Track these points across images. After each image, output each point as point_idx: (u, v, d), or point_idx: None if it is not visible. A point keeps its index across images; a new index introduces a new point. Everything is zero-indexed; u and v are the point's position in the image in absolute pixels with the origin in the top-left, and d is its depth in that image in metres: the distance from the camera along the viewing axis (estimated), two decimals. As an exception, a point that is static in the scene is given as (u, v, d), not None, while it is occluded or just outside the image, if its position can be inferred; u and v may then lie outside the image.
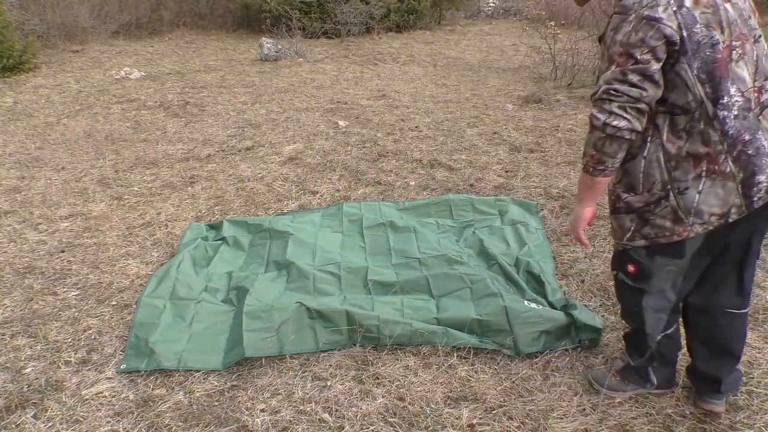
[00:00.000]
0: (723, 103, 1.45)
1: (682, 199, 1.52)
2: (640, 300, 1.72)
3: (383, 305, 2.42)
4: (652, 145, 1.53)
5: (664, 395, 1.94)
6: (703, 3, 1.44)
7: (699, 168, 1.49)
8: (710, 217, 1.51)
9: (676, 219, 1.54)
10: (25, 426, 1.86)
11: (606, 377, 1.97)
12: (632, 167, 1.58)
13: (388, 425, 1.84)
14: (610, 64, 1.47)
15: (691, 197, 1.51)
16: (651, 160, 1.54)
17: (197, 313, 2.43)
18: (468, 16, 13.45)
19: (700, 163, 1.49)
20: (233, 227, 3.17)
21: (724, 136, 1.47)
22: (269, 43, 8.55)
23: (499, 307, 2.29)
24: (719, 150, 1.47)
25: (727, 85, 1.45)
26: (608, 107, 1.45)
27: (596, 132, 1.48)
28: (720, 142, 1.47)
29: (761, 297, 2.45)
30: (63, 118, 5.55)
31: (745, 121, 1.47)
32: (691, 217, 1.52)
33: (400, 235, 3.02)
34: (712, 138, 1.47)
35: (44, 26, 9.08)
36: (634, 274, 1.69)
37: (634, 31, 1.42)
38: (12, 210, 3.53)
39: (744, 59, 1.48)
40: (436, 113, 5.56)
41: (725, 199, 1.50)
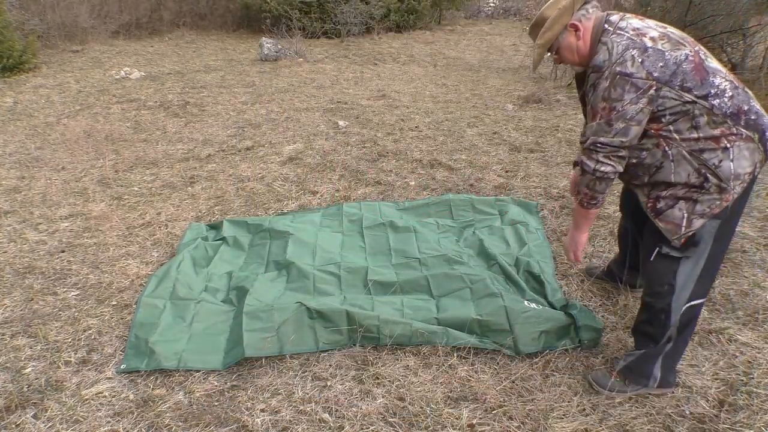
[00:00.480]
0: (713, 93, 1.66)
1: (720, 172, 1.68)
2: (677, 269, 1.79)
3: (383, 305, 2.42)
4: (671, 150, 1.71)
5: (664, 395, 1.95)
6: (659, 37, 1.70)
7: (721, 143, 1.67)
8: (745, 175, 1.69)
9: (721, 189, 1.69)
10: (25, 426, 1.86)
11: (607, 378, 1.98)
12: (662, 174, 1.75)
13: (388, 425, 1.84)
14: (594, 116, 1.73)
15: (726, 167, 1.67)
16: (678, 161, 1.71)
17: (197, 313, 2.43)
18: (468, 16, 13.45)
19: (719, 140, 1.67)
20: (233, 227, 3.17)
21: (726, 116, 1.66)
22: (269, 43, 8.55)
23: (498, 307, 2.29)
24: (728, 126, 1.66)
25: (710, 80, 1.67)
26: (595, 157, 1.74)
27: (587, 176, 1.78)
28: (725, 121, 1.66)
29: (761, 297, 2.45)
30: (63, 118, 5.55)
31: (738, 97, 1.68)
32: (731, 182, 1.69)
33: (400, 235, 3.03)
34: (718, 121, 1.66)
35: (44, 26, 9.08)
36: (683, 244, 1.77)
37: (612, 87, 1.67)
38: (12, 210, 3.54)
39: (709, 56, 1.74)
40: (436, 113, 5.56)
41: (752, 157, 1.68)
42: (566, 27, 1.80)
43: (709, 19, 5.75)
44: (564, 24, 1.80)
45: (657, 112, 1.69)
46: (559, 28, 1.81)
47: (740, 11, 5.77)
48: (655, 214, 1.78)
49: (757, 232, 3.00)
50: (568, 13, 1.80)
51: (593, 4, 1.83)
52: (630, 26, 1.73)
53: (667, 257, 1.79)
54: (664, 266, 1.81)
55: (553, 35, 1.82)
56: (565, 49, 1.83)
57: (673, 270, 1.79)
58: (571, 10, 1.80)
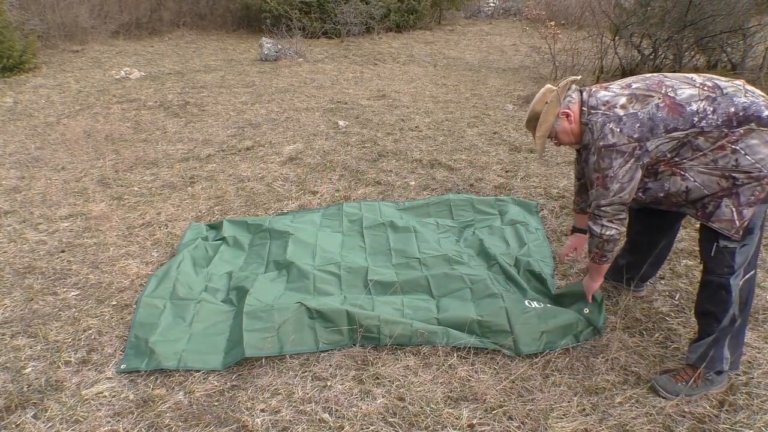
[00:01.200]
0: (697, 120, 1.77)
1: (743, 168, 1.76)
2: (734, 253, 1.87)
3: (383, 305, 2.42)
4: (688, 173, 1.84)
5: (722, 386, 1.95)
6: (627, 102, 1.85)
7: (727, 149, 1.76)
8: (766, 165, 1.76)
9: (754, 178, 1.76)
10: (25, 426, 1.86)
11: (672, 383, 1.96)
12: (695, 194, 1.87)
13: (388, 425, 1.84)
14: (592, 185, 1.95)
15: (745, 162, 1.75)
16: (701, 179, 1.83)
17: (197, 313, 2.43)
18: (468, 16, 13.45)
19: (724, 147, 1.77)
20: (233, 227, 3.17)
21: (719, 127, 1.75)
22: (269, 43, 8.55)
23: (499, 307, 2.29)
24: (725, 133, 1.75)
25: (688, 110, 1.78)
26: (600, 222, 1.98)
27: (596, 239, 2.02)
28: (721, 131, 1.75)
29: (761, 297, 2.45)
30: (63, 118, 5.55)
31: (720, 106, 1.76)
32: (762, 168, 1.75)
33: (400, 235, 3.03)
34: (714, 135, 1.76)
35: (44, 26, 9.08)
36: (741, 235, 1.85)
37: (600, 159, 1.88)
38: (12, 210, 3.53)
39: (675, 86, 1.83)
40: (436, 113, 5.56)
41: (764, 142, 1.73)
42: (558, 116, 2.00)
43: (709, 19, 5.74)
44: (555, 114, 2.00)
45: (658, 156, 1.85)
46: (552, 119, 2.01)
47: (740, 11, 5.77)
48: (707, 218, 1.87)
49: (757, 232, 3.00)
50: (556, 103, 2.00)
51: (573, 88, 2.02)
52: (600, 101, 1.91)
53: (726, 248, 1.86)
54: (723, 255, 1.88)
55: (549, 126, 2.02)
56: (561, 133, 2.02)
57: (731, 255, 1.86)
58: (557, 100, 2.00)
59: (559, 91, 2.01)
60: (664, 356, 2.13)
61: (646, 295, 2.52)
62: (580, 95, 1.99)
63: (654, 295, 2.51)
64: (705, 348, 1.94)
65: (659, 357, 2.13)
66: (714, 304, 1.92)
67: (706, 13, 5.73)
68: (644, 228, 2.31)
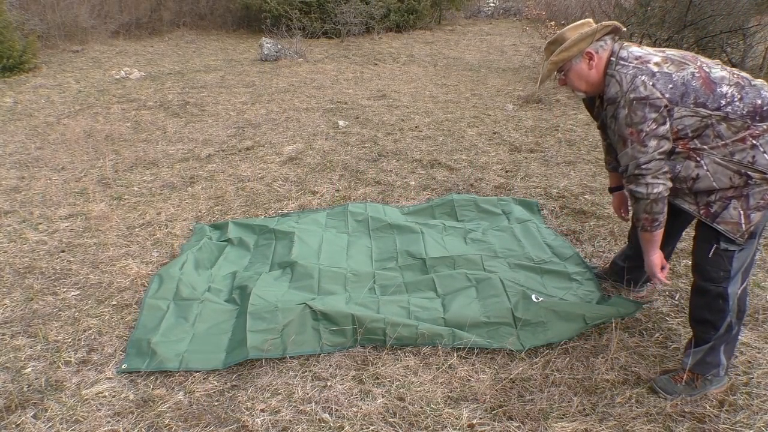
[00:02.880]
0: (725, 103, 1.72)
1: (758, 166, 1.72)
2: (732, 257, 1.83)
3: (389, 304, 2.41)
4: (705, 159, 1.77)
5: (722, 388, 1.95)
6: (662, 61, 1.77)
7: (747, 142, 1.72)
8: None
9: (766, 179, 1.73)
10: (25, 426, 1.86)
11: (672, 384, 1.95)
12: (703, 183, 1.79)
13: (388, 425, 1.84)
14: (624, 143, 1.79)
15: (762, 160, 1.72)
16: (713, 168, 1.77)
17: (200, 314, 2.42)
18: (468, 16, 13.45)
19: (745, 140, 1.72)
20: (238, 229, 3.17)
21: (743, 117, 1.71)
22: (269, 43, 8.55)
23: (504, 307, 2.30)
24: (747, 125, 1.71)
25: (718, 90, 1.73)
26: (644, 181, 1.79)
27: (642, 201, 1.81)
28: (744, 123, 1.71)
29: (761, 297, 2.45)
30: (63, 118, 5.55)
31: (748, 96, 1.72)
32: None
33: (406, 237, 3.02)
34: (737, 125, 1.72)
35: (44, 26, 9.08)
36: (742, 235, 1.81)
37: (632, 113, 1.74)
38: (12, 210, 3.53)
39: (710, 64, 1.79)
40: (436, 113, 5.56)
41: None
42: (582, 53, 1.87)
43: (709, 19, 5.75)
44: (581, 49, 1.87)
45: (679, 131, 1.76)
46: (575, 52, 1.87)
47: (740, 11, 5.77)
48: (712, 218, 1.81)
49: (757, 232, 3.00)
50: (588, 40, 1.86)
51: (613, 37, 1.90)
52: (632, 55, 1.81)
53: (726, 251, 1.82)
54: (721, 258, 1.84)
55: (568, 56, 1.88)
56: (574, 73, 1.91)
57: (729, 258, 1.82)
58: (591, 38, 1.86)
59: (597, 29, 1.87)
60: (664, 356, 2.13)
61: (645, 295, 2.52)
62: (612, 44, 1.87)
63: (654, 295, 2.51)
64: (702, 355, 1.92)
65: (659, 357, 2.13)
66: (711, 312, 1.88)
67: (706, 13, 5.73)
68: None
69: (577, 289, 2.53)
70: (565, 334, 2.20)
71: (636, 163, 1.78)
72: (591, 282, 2.58)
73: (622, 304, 2.29)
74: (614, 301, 2.38)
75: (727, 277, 1.83)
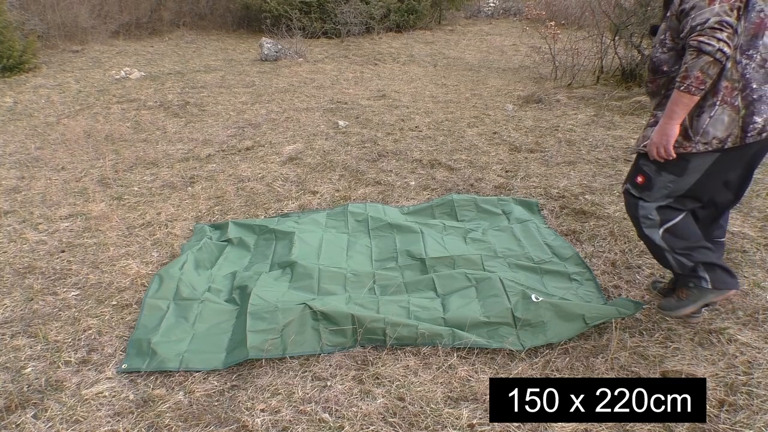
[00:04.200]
0: (749, 54, 1.85)
1: (695, 121, 1.91)
2: (637, 207, 2.11)
3: (389, 304, 2.41)
4: None
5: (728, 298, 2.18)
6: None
7: (716, 98, 1.88)
8: (712, 139, 1.91)
9: (685, 135, 1.93)
10: (25, 426, 1.86)
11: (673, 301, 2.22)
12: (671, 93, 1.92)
13: (388, 425, 1.84)
14: (712, 0, 1.79)
15: (702, 120, 1.90)
16: None
17: (200, 314, 2.42)
18: (468, 16, 13.45)
19: (717, 94, 1.87)
20: (239, 229, 3.17)
21: (742, 78, 1.85)
22: (269, 43, 8.55)
23: (504, 306, 2.30)
24: (735, 87, 1.86)
25: (758, 42, 1.85)
26: (719, 36, 1.77)
27: (705, 57, 1.78)
28: (738, 81, 1.86)
29: (761, 297, 2.45)
30: (63, 118, 5.55)
31: (758, 74, 1.86)
32: (697, 136, 1.92)
33: (406, 236, 3.02)
34: (733, 76, 1.85)
35: (44, 26, 9.08)
36: (640, 185, 2.09)
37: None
38: (12, 210, 3.53)
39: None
40: (436, 113, 5.56)
41: (728, 126, 1.89)
42: None
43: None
44: None
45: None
46: None
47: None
48: (647, 126, 2.09)
49: (757, 232, 3.00)
50: None
51: None
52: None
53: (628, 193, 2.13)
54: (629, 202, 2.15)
55: None
56: None
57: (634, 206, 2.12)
58: None
59: None
60: (664, 356, 2.13)
61: (645, 296, 2.52)
62: None
63: (654, 295, 2.51)
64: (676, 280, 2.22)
65: (659, 357, 2.13)
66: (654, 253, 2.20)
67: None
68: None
69: (577, 289, 2.53)
70: (565, 334, 2.20)
71: (719, 19, 1.76)
72: (591, 282, 2.58)
73: (622, 304, 2.29)
74: (614, 301, 2.38)
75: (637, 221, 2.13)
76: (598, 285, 2.56)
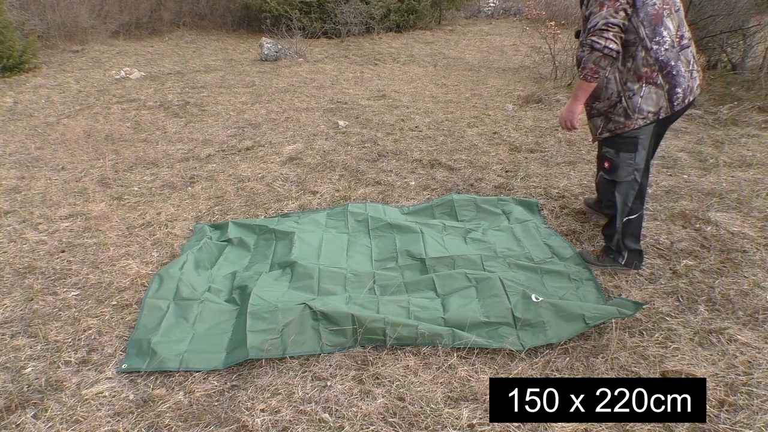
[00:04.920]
0: (656, 40, 2.28)
1: (630, 102, 2.37)
2: (613, 190, 2.54)
3: (389, 304, 2.41)
4: (611, 68, 2.35)
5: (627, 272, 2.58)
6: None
7: (641, 81, 2.33)
8: (648, 113, 2.36)
9: (626, 115, 2.39)
10: (25, 426, 1.86)
11: (589, 255, 2.75)
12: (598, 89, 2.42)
13: (388, 425, 1.84)
14: (601, 6, 2.24)
15: (635, 100, 2.36)
16: (610, 79, 2.39)
17: (200, 314, 2.42)
18: (468, 16, 13.45)
19: (641, 78, 2.33)
20: (239, 229, 3.16)
21: (657, 61, 2.30)
22: (269, 43, 8.55)
23: (504, 307, 2.30)
24: (654, 69, 2.31)
25: (661, 29, 2.28)
26: (606, 35, 2.22)
27: (596, 53, 2.25)
28: (654, 65, 2.31)
29: (761, 297, 2.45)
30: (63, 118, 5.55)
31: (670, 53, 2.31)
32: (636, 114, 2.37)
33: (406, 236, 3.02)
34: (649, 62, 2.30)
35: (44, 26, 9.08)
36: (608, 169, 2.52)
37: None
38: (12, 210, 3.54)
39: (671, 17, 2.32)
40: (436, 113, 5.56)
41: (657, 101, 2.35)
42: None
43: (709, 19, 5.74)
44: None
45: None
46: None
47: (740, 11, 5.77)
48: (588, 116, 2.58)
49: (757, 232, 3.00)
50: None
51: None
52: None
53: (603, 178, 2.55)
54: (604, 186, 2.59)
55: None
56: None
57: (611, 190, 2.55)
58: None
59: None
60: (664, 356, 2.13)
61: (645, 296, 2.52)
62: None
63: (654, 295, 2.51)
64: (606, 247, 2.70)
65: (659, 357, 2.13)
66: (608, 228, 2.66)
67: (706, 13, 5.72)
68: None
69: (577, 290, 2.53)
70: (565, 335, 2.20)
71: (606, 21, 2.21)
72: (591, 282, 2.58)
73: (623, 305, 2.29)
74: (614, 301, 2.38)
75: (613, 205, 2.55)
76: (598, 285, 2.56)
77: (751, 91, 5.56)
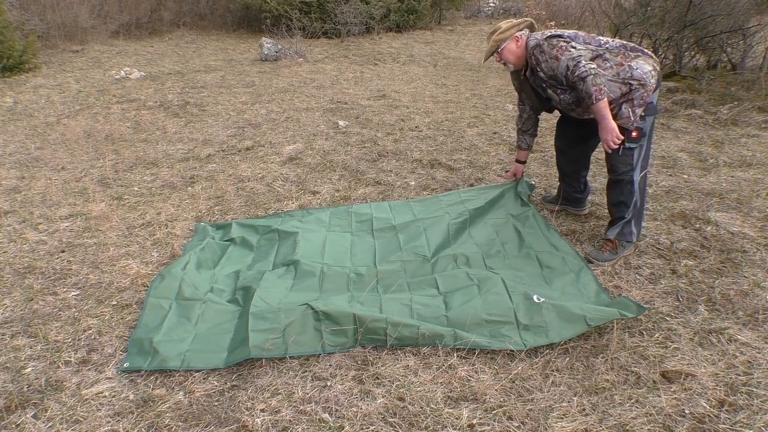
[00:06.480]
0: (602, 42, 2.66)
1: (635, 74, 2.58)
2: (633, 155, 2.67)
3: (391, 302, 2.41)
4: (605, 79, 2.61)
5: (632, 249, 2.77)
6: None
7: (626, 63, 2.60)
8: (651, 71, 2.59)
9: (642, 84, 2.58)
10: (25, 426, 1.86)
11: (599, 253, 2.79)
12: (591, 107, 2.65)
13: (388, 425, 1.84)
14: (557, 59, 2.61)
15: (637, 72, 2.58)
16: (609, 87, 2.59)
17: (202, 314, 2.42)
18: (468, 16, 13.45)
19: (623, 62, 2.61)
20: (242, 229, 3.16)
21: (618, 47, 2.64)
22: (269, 43, 8.55)
23: (507, 306, 2.30)
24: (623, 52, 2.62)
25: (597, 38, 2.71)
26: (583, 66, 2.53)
27: (589, 78, 2.49)
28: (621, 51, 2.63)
29: (761, 297, 2.45)
30: (63, 118, 5.56)
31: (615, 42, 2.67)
32: (646, 77, 2.57)
33: (409, 234, 3.02)
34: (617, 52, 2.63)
35: (44, 26, 9.08)
36: (637, 138, 2.63)
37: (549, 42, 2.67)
38: (12, 210, 3.53)
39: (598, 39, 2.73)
40: (436, 113, 5.56)
41: (648, 62, 2.61)
42: (512, 37, 2.79)
43: (709, 19, 5.74)
44: (512, 34, 2.79)
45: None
46: (508, 35, 2.79)
47: (740, 11, 5.77)
48: (614, 117, 2.59)
49: (757, 232, 3.00)
50: (515, 29, 2.81)
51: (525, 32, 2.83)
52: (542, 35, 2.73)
53: (630, 149, 2.65)
54: (626, 156, 2.66)
55: (503, 38, 2.79)
56: (507, 51, 2.79)
57: (631, 155, 2.66)
58: (516, 29, 2.81)
59: (520, 22, 2.84)
60: (664, 356, 2.13)
61: (645, 296, 2.52)
62: (529, 32, 2.83)
63: (654, 295, 2.51)
64: (621, 228, 2.79)
65: (659, 357, 2.13)
66: (624, 195, 2.73)
67: (706, 13, 5.72)
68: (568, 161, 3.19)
69: (578, 290, 2.53)
70: (566, 335, 2.20)
71: (572, 59, 2.54)
72: (593, 283, 2.58)
73: (624, 305, 2.29)
74: (616, 302, 2.38)
75: (632, 169, 2.68)
76: (599, 285, 2.56)
77: (751, 91, 5.56)
